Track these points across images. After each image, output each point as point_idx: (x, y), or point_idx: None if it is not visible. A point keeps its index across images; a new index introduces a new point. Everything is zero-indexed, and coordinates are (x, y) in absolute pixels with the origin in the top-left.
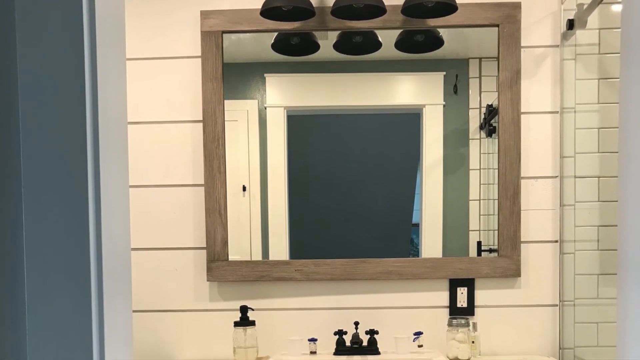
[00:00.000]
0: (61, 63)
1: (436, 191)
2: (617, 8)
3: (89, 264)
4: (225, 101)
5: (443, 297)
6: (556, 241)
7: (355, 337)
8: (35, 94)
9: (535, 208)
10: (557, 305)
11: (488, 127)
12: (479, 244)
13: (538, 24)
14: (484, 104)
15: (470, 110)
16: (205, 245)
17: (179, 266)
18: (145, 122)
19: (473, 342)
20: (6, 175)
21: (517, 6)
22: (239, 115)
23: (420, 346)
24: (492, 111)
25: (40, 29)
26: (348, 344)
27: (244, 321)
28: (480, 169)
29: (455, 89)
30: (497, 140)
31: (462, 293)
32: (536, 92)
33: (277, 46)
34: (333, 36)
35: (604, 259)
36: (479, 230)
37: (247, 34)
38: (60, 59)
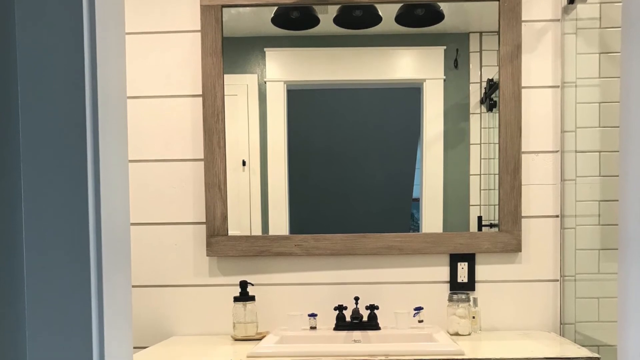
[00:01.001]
0: (60, 37)
1: (436, 166)
2: None
3: (88, 239)
4: (225, 76)
5: (443, 272)
6: (557, 216)
7: (356, 312)
8: (34, 69)
9: (536, 183)
10: (557, 281)
11: (489, 101)
12: (480, 218)
13: None
14: (484, 79)
15: (470, 84)
16: (204, 220)
17: (179, 241)
18: (144, 96)
19: (473, 317)
20: (5, 152)
21: None
22: (239, 89)
23: (420, 321)
24: (492, 85)
25: (40, 3)
26: (348, 319)
27: (244, 296)
28: (480, 144)
29: (456, 64)
30: (497, 114)
31: (462, 268)
32: (537, 66)
33: (277, 20)
34: (333, 10)
35: (604, 233)
36: (480, 205)
37: (247, 8)
38: (59, 33)
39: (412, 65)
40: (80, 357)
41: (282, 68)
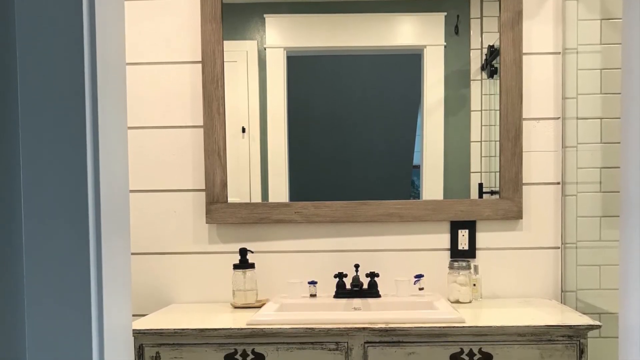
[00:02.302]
0: (59, 2)
1: (437, 133)
2: None
3: (87, 206)
4: (225, 42)
5: (444, 240)
6: (558, 183)
7: (356, 279)
8: (32, 34)
9: (537, 150)
10: (559, 248)
11: (489, 68)
12: (480, 185)
13: None
14: (485, 45)
15: (471, 51)
16: (204, 187)
17: (178, 208)
18: (143, 63)
19: (474, 284)
20: (4, 119)
21: None
22: (238, 56)
23: (421, 289)
24: (493, 52)
25: None
26: (348, 286)
27: (244, 264)
28: (481, 111)
29: (457, 30)
30: (498, 81)
31: (463, 235)
32: (538, 32)
33: None
34: None
35: (606, 200)
36: (480, 172)
37: None
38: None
39: (413, 31)
40: (79, 324)
41: (282, 34)
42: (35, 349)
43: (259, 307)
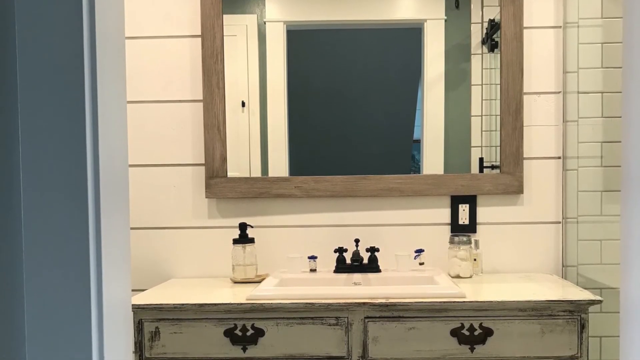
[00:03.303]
0: None
1: (437, 107)
2: None
3: (86, 180)
4: (224, 16)
5: (444, 214)
6: (559, 157)
7: (356, 254)
8: (32, 7)
9: (538, 124)
10: (560, 223)
11: (490, 42)
12: (481, 160)
13: None
14: (485, 19)
15: (472, 25)
16: (203, 162)
17: (177, 183)
18: (143, 36)
19: (475, 259)
20: (3, 93)
21: None
22: (238, 30)
23: (421, 264)
24: (494, 26)
25: None
26: (348, 261)
27: (243, 238)
28: (482, 85)
29: (457, 3)
30: (499, 55)
31: (463, 210)
32: (539, 6)
33: None
34: None
35: (607, 175)
36: (481, 147)
37: None
38: None
39: (413, 5)
40: (78, 299)
41: (282, 8)
42: (34, 323)
43: (259, 282)
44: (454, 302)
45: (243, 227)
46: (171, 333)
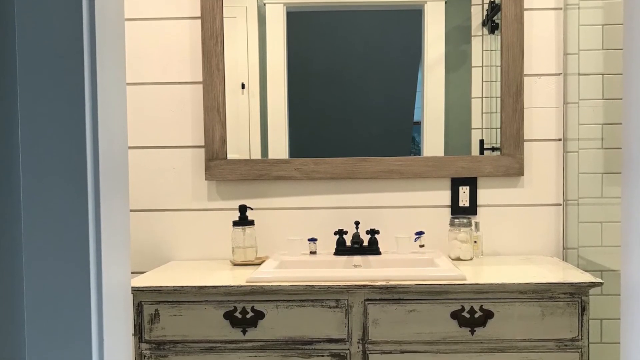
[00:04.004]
0: None
1: (438, 89)
2: None
3: (85, 162)
4: None
5: (445, 197)
6: (560, 139)
7: (356, 236)
8: None
9: (539, 106)
10: (560, 205)
11: (491, 23)
12: (482, 142)
13: None
14: (486, 1)
15: (472, 6)
16: (203, 144)
17: (177, 165)
18: (142, 18)
19: (475, 242)
20: (2, 75)
21: None
22: (238, 11)
23: (421, 246)
24: (494, 7)
25: None
26: (348, 243)
27: (243, 221)
28: (482, 67)
29: None
30: (499, 37)
31: (464, 192)
32: None
33: None
34: None
35: (608, 157)
36: (482, 129)
37: None
38: None
39: None
40: (77, 282)
41: None
42: (34, 306)
43: (259, 264)
44: (454, 284)
45: (243, 209)
46: (171, 315)
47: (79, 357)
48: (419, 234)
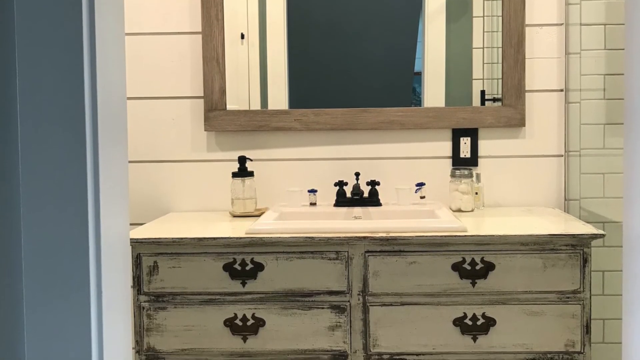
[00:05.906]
0: None
1: (439, 39)
2: None
3: (84, 113)
4: None
5: (446, 148)
6: (561, 90)
7: (356, 188)
8: None
9: (540, 56)
10: (562, 156)
11: None
12: (483, 92)
13: None
14: None
15: None
16: (202, 95)
17: (176, 116)
18: None
19: (476, 193)
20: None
21: None
22: None
23: (422, 197)
24: None
25: None
26: (348, 195)
27: (242, 172)
28: (483, 17)
29: None
30: None
31: (465, 143)
32: None
33: None
34: None
35: (610, 108)
36: (483, 79)
37: None
38: None
39: None
40: (76, 233)
41: None
42: (32, 256)
43: (258, 215)
44: (455, 236)
45: (242, 160)
46: (170, 267)
47: (77, 309)
48: (420, 185)
